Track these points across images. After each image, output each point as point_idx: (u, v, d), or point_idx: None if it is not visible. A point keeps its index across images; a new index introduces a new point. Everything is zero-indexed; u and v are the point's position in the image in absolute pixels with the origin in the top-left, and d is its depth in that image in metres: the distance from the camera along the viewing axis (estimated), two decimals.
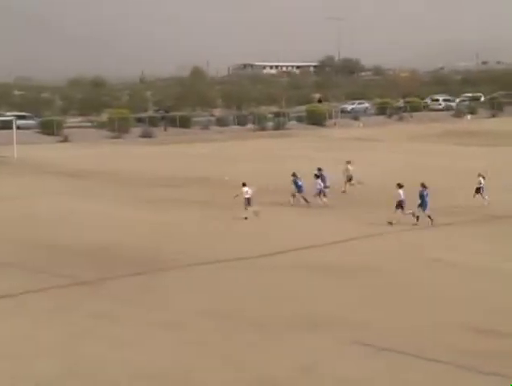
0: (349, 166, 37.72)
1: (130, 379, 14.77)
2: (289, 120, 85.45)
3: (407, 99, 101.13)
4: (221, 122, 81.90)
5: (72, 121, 79.93)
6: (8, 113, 71.17)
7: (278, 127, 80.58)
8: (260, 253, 24.85)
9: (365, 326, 17.65)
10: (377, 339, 16.68)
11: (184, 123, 78.47)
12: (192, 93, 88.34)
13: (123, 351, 16.11)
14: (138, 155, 55.85)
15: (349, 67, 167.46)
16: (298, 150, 58.22)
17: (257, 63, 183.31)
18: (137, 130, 73.34)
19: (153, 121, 77.82)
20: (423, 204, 29.14)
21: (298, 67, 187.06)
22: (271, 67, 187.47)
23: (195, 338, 16.92)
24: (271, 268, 23.06)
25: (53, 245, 25.81)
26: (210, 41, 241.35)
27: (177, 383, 14.77)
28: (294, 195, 34.11)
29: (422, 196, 29.19)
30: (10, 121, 59.16)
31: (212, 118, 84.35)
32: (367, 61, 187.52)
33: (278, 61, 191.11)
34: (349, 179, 37.62)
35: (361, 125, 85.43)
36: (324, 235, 27.88)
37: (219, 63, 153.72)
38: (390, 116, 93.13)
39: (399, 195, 29.12)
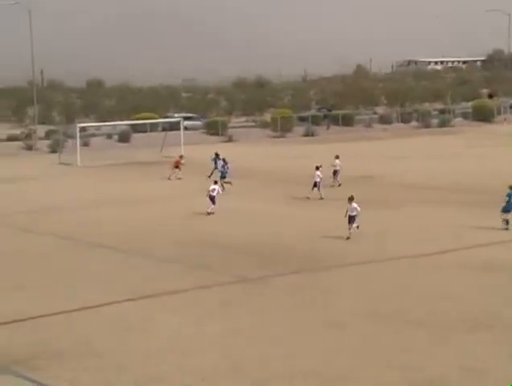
0: None
1: (293, 374, 14.82)
2: (454, 116, 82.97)
3: None
4: (384, 120, 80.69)
5: (236, 121, 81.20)
6: (176, 115, 73.19)
7: (442, 124, 78.42)
8: (420, 252, 24.37)
9: None
10: None
11: (347, 121, 77.86)
12: (355, 91, 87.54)
13: (284, 347, 16.22)
14: (298, 154, 55.78)
15: None
16: (462, 148, 56.55)
17: (421, 60, 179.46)
18: (299, 129, 73.46)
19: (315, 120, 77.66)
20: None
21: (464, 62, 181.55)
22: (436, 62, 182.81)
23: (354, 337, 16.78)
24: (432, 268, 22.56)
25: (216, 243, 26.24)
26: (373, 38, 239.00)
27: (334, 382, 14.61)
28: None
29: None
30: (178, 122, 60.73)
31: (375, 116, 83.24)
32: None
33: (444, 57, 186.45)
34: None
35: None
36: (487, 234, 26.97)
37: (382, 61, 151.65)
38: None
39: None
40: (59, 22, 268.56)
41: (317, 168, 35.38)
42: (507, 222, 27.73)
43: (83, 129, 61.68)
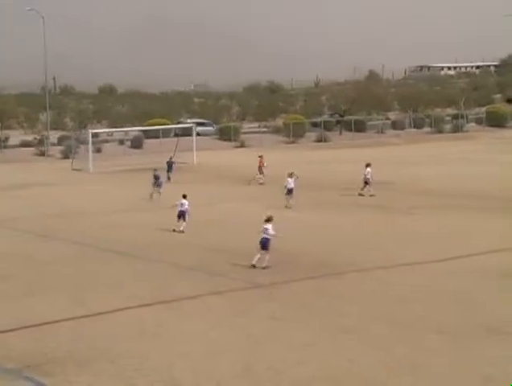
0: None
1: (307, 380, 14.71)
2: (467, 122, 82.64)
3: None
4: (397, 125, 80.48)
5: (248, 126, 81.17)
6: (188, 120, 73.18)
7: (456, 129, 78.11)
8: (436, 258, 24.21)
9: None
10: None
11: (359, 127, 77.70)
12: (367, 97, 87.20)
13: (300, 353, 16.10)
14: (311, 160, 55.64)
15: None
16: (476, 153, 56.30)
17: (434, 65, 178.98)
18: (312, 135, 73.32)
19: (328, 126, 77.52)
20: None
21: (478, 67, 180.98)
22: (449, 68, 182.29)
23: (371, 343, 16.59)
24: (448, 274, 22.35)
25: (231, 249, 26.13)
26: (386, 44, 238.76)
27: None
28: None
29: None
30: (191, 128, 60.72)
31: (388, 121, 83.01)
32: None
33: (457, 62, 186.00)
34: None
35: None
36: (504, 240, 26.77)
37: (395, 66, 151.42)
38: None
39: None
40: (72, 27, 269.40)
41: (290, 175, 34.95)
42: None
43: (95, 135, 61.76)
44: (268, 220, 23.35)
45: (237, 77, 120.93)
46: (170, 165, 43.55)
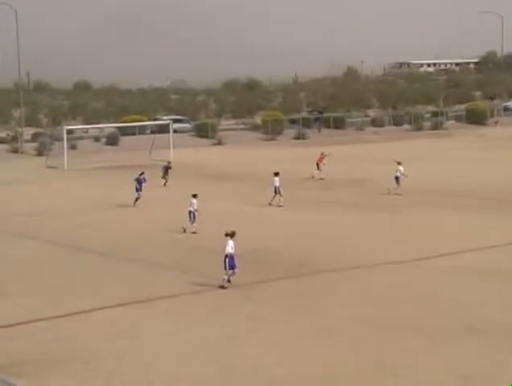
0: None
1: (284, 380, 14.44)
2: (447, 119, 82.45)
3: None
4: (376, 123, 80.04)
5: (225, 123, 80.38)
6: (165, 117, 72.31)
7: (435, 127, 77.86)
8: (416, 257, 23.90)
9: None
10: None
11: (339, 124, 77.12)
12: (346, 93, 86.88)
13: (277, 353, 15.80)
14: (290, 157, 55.04)
15: None
16: (455, 151, 56.16)
17: (413, 62, 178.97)
18: (290, 132, 72.77)
19: (306, 123, 76.91)
20: None
21: (457, 64, 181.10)
22: (429, 65, 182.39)
23: (348, 343, 16.31)
24: (428, 272, 22.10)
25: (209, 248, 25.47)
26: (364, 39, 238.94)
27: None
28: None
29: None
30: (167, 125, 59.86)
31: (367, 119, 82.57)
32: None
33: (436, 59, 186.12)
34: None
35: None
36: (482, 238, 26.59)
37: (374, 62, 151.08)
38: None
39: None
40: (46, 22, 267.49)
41: (275, 174, 34.37)
42: None
43: (70, 132, 60.68)
44: (230, 235, 20.83)
45: (214, 74, 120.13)
46: (166, 169, 42.00)
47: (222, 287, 20.56)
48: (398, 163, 37.39)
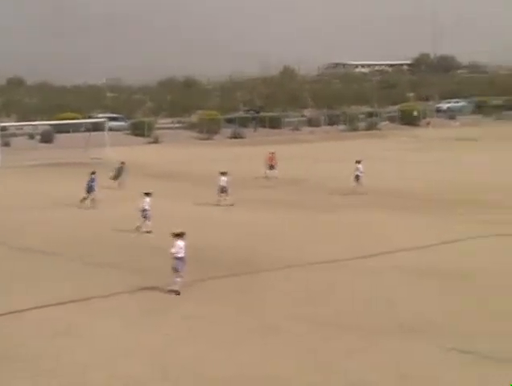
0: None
1: (226, 380, 14.36)
2: (381, 120, 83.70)
3: (508, 97, 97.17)
4: (312, 123, 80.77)
5: (162, 122, 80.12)
6: (100, 115, 71.74)
7: (370, 127, 78.96)
8: (354, 256, 24.08)
9: (466, 332, 16.68)
10: (477, 347, 15.71)
11: (275, 123, 77.65)
12: (282, 93, 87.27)
13: (217, 353, 15.69)
14: (226, 156, 55.20)
15: (445, 66, 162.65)
16: (390, 152, 56.99)
17: (349, 62, 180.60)
18: (227, 131, 72.94)
19: (243, 122, 77.20)
20: None
21: (391, 65, 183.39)
22: (363, 66, 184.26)
23: (289, 342, 16.31)
24: (366, 271, 22.26)
25: (150, 246, 25.46)
26: (300, 40, 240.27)
27: (264, 384, 14.26)
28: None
29: None
30: (102, 123, 59.41)
31: (304, 118, 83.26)
32: (463, 58, 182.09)
33: (371, 60, 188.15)
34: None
35: (458, 124, 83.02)
36: (417, 237, 26.86)
37: (309, 62, 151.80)
38: (487, 115, 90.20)
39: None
40: None
41: (222, 174, 34.63)
42: None
43: (3, 129, 59.81)
44: (178, 235, 19.82)
45: (151, 72, 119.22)
46: (120, 170, 41.18)
47: (175, 292, 19.76)
48: (358, 162, 37.71)
